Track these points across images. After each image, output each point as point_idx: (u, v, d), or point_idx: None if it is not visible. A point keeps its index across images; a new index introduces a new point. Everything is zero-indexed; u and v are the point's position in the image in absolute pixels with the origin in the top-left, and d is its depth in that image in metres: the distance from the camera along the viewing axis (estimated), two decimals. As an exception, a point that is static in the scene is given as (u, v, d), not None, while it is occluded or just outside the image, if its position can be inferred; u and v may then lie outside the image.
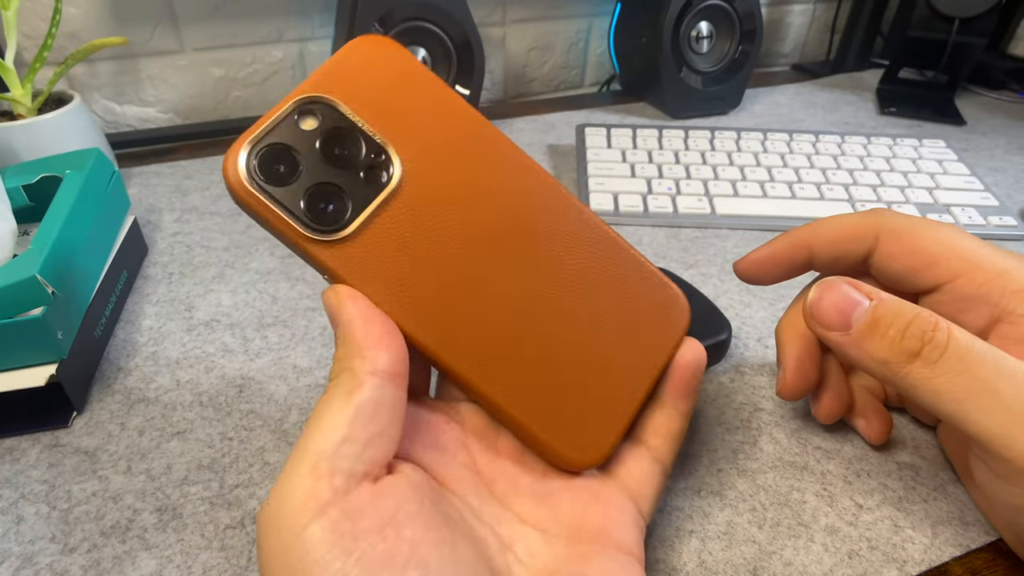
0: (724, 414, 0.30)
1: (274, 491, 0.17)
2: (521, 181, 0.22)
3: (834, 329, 0.22)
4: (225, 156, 0.19)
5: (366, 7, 0.49)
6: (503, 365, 0.21)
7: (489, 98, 0.74)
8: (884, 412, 0.29)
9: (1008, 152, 0.59)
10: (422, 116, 0.21)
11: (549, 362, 0.21)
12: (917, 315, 0.20)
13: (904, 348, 0.20)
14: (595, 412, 0.21)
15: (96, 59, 0.57)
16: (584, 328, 0.22)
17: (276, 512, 0.17)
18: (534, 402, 0.21)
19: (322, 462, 0.17)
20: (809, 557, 0.24)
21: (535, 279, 0.22)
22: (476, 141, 0.22)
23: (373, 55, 0.21)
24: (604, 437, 0.22)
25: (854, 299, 0.21)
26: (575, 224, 0.23)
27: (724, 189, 0.49)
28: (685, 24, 0.60)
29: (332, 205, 0.20)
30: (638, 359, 0.22)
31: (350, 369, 0.18)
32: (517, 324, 0.21)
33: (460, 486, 0.21)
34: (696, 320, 0.32)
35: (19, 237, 0.33)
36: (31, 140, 0.43)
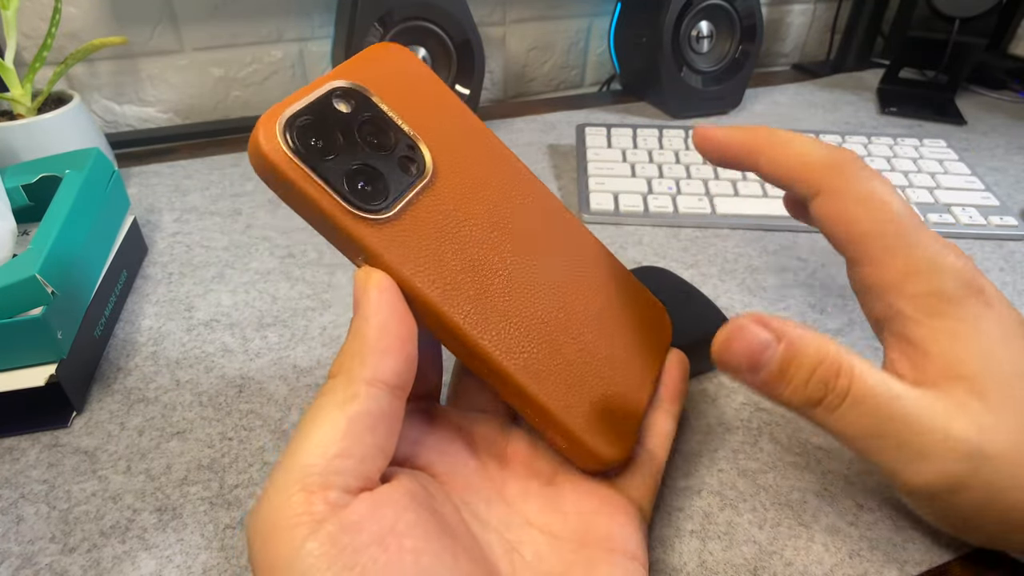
0: (724, 414, 0.30)
1: (265, 502, 0.17)
2: (527, 187, 0.24)
3: (743, 373, 0.21)
4: (255, 128, 0.18)
5: (366, 7, 0.49)
6: (535, 357, 0.21)
7: (489, 98, 0.74)
8: None
9: (1008, 152, 0.59)
10: (438, 119, 0.22)
11: (574, 357, 0.22)
12: (821, 363, 0.20)
13: (808, 396, 0.21)
14: (615, 409, 0.22)
15: (96, 59, 0.57)
16: (600, 329, 0.23)
17: (269, 525, 0.16)
18: (565, 396, 0.21)
19: (312, 478, 0.17)
20: (810, 557, 0.24)
21: (555, 276, 0.22)
22: (487, 150, 0.23)
23: (392, 59, 0.22)
24: (625, 433, 0.22)
25: (762, 342, 0.21)
26: (575, 234, 0.24)
27: (724, 189, 0.48)
28: (685, 24, 0.60)
29: (371, 186, 0.19)
30: (641, 363, 0.24)
31: (348, 373, 0.18)
32: (545, 317, 0.21)
33: (469, 491, 0.21)
34: (697, 319, 0.32)
35: (19, 237, 0.33)
36: (31, 140, 0.43)
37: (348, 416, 0.17)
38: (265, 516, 0.17)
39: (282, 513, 0.16)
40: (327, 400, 0.18)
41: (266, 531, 0.16)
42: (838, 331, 0.36)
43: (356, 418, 0.17)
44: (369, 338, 0.18)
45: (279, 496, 0.17)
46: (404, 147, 0.21)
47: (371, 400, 0.18)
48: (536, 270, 0.22)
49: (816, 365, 0.20)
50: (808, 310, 0.37)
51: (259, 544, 0.17)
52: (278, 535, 0.16)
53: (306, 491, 0.16)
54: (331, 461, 0.17)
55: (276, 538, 0.16)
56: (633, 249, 0.43)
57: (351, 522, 0.16)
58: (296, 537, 0.16)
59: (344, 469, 0.17)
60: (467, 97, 0.55)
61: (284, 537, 0.16)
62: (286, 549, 0.16)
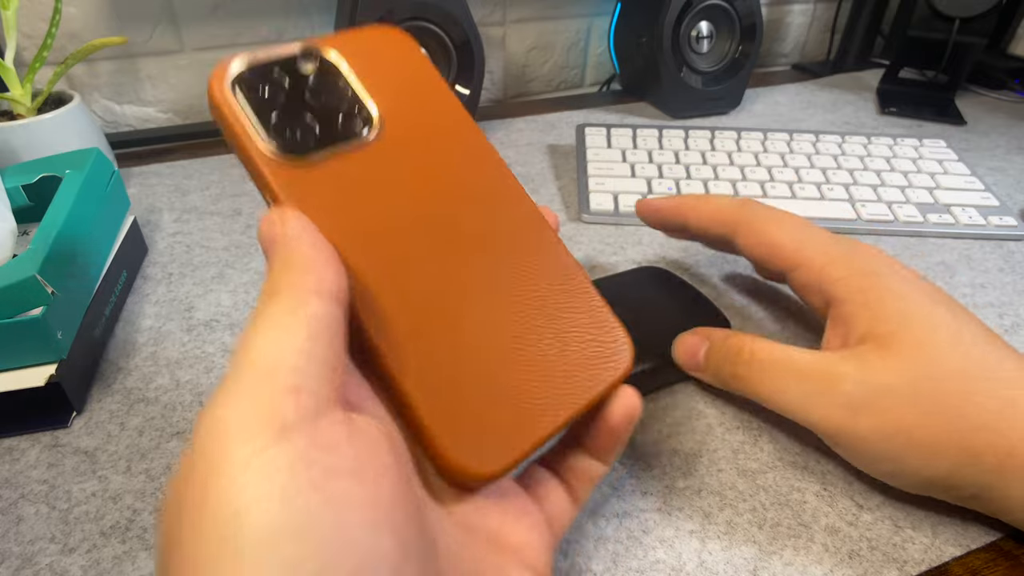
0: (724, 414, 0.30)
1: (221, 397, 0.14)
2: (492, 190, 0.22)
3: (690, 368, 0.30)
4: (216, 63, 0.19)
5: (366, 7, 0.49)
6: (415, 348, 0.19)
7: (489, 98, 0.74)
8: None
9: (1008, 152, 0.59)
10: (411, 100, 0.22)
11: (463, 362, 0.20)
12: (728, 347, 0.28)
13: (726, 372, 0.28)
14: (498, 428, 0.19)
15: (96, 59, 0.57)
16: (511, 341, 0.20)
17: (224, 424, 0.14)
18: (436, 396, 0.19)
19: (280, 375, 0.14)
20: (809, 557, 0.24)
21: (473, 277, 0.21)
22: (460, 140, 0.22)
23: (388, 39, 0.23)
24: (498, 456, 0.19)
25: (694, 344, 0.30)
26: (535, 242, 0.22)
27: (724, 189, 0.48)
28: (685, 24, 0.60)
29: (300, 134, 0.19)
30: (561, 389, 0.21)
31: (291, 287, 0.16)
32: (440, 314, 0.20)
33: None
34: (695, 318, 0.32)
35: (19, 237, 0.33)
36: (31, 140, 0.43)
37: (304, 319, 0.15)
38: (221, 414, 0.14)
39: (244, 411, 0.14)
40: (275, 309, 0.15)
41: (219, 430, 0.14)
42: (838, 331, 0.36)
43: (314, 321, 0.15)
44: (306, 255, 0.17)
45: (241, 392, 0.14)
46: (353, 107, 0.21)
47: (322, 308, 0.16)
48: (452, 265, 0.20)
49: (726, 349, 0.28)
50: (808, 310, 0.37)
51: (207, 443, 0.14)
52: (233, 436, 0.13)
53: (272, 387, 0.14)
54: (298, 359, 0.14)
55: (231, 439, 0.13)
56: (633, 249, 0.43)
57: (327, 441, 0.14)
58: (257, 440, 0.13)
59: (312, 372, 0.15)
60: (467, 97, 0.55)
61: (241, 438, 0.13)
62: (243, 452, 0.13)
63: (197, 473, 0.13)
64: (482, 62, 0.55)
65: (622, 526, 0.25)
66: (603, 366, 0.21)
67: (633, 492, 0.27)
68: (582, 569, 0.24)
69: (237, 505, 0.13)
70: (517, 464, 0.19)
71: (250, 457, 0.13)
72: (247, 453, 0.13)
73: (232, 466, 0.13)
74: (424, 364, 0.19)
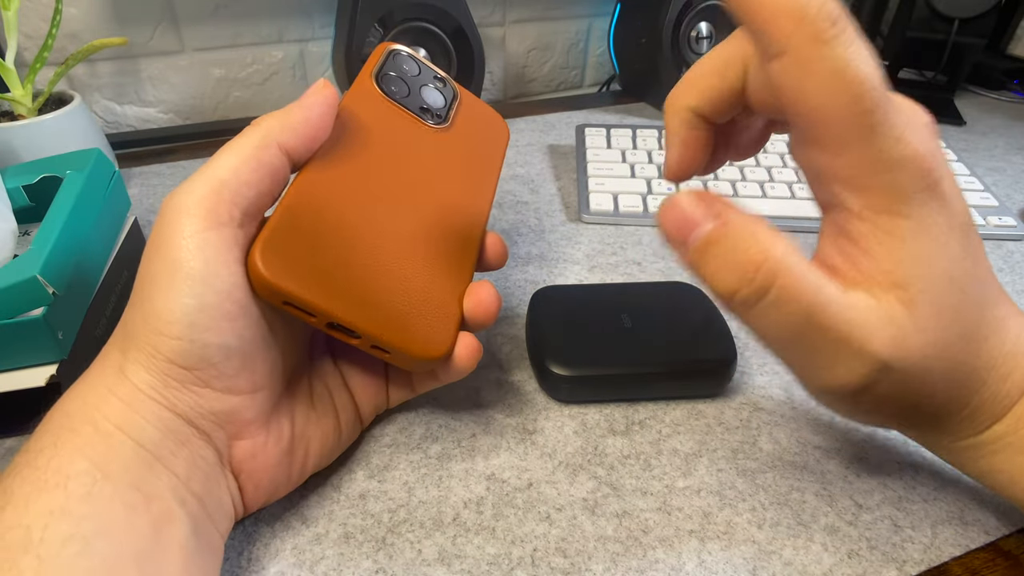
0: (724, 414, 0.31)
1: (181, 191, 0.21)
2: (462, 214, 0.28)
3: (675, 245, 0.20)
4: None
5: (366, 7, 0.49)
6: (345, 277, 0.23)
7: (489, 98, 0.74)
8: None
9: (1007, 152, 0.59)
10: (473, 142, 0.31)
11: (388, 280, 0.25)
12: (744, 252, 0.19)
13: (725, 285, 0.19)
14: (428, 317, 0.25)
15: (97, 59, 0.57)
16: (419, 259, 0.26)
17: (178, 209, 0.20)
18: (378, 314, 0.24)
19: (225, 190, 0.21)
20: (809, 557, 0.24)
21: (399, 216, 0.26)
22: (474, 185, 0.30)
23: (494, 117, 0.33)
24: (442, 336, 0.25)
25: (691, 219, 0.19)
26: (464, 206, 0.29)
27: (724, 190, 0.49)
28: (685, 24, 0.60)
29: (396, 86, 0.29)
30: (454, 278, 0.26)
31: (268, 132, 0.22)
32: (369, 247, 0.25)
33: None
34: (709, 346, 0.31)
35: (20, 237, 0.33)
36: (31, 140, 0.43)
37: (260, 159, 0.22)
38: (178, 201, 0.21)
39: (194, 203, 0.20)
40: (244, 142, 0.22)
41: (173, 212, 0.20)
42: (837, 331, 0.36)
43: (263, 163, 0.22)
44: (295, 118, 0.23)
45: (195, 191, 0.21)
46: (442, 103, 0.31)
47: (276, 157, 0.22)
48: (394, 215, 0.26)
49: (739, 253, 0.19)
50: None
51: (164, 221, 0.21)
52: (185, 218, 0.20)
53: (217, 195, 0.21)
54: (239, 184, 0.21)
55: (182, 220, 0.20)
56: (632, 249, 0.43)
57: (248, 239, 0.22)
58: (199, 224, 0.20)
59: (246, 195, 0.21)
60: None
61: (189, 220, 0.20)
62: (190, 229, 0.20)
63: (160, 231, 0.21)
64: (482, 62, 0.55)
65: (622, 526, 0.25)
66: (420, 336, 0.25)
67: (633, 492, 0.27)
68: (582, 569, 0.24)
69: (177, 254, 0.20)
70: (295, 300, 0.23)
71: (194, 232, 0.20)
72: (193, 229, 0.20)
73: (181, 233, 0.20)
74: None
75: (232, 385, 0.21)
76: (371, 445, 0.29)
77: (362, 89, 0.28)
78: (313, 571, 0.24)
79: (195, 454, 0.21)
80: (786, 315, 0.19)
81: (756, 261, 0.18)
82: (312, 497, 0.26)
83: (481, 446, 0.29)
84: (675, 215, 0.20)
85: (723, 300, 0.20)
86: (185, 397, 0.21)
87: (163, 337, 0.20)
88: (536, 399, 0.31)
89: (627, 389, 0.31)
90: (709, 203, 0.19)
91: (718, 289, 0.20)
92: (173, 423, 0.20)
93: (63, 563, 0.17)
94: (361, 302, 0.23)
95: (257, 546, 0.24)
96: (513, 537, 0.25)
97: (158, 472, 0.20)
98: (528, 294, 0.38)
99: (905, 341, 0.19)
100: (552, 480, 0.27)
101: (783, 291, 0.18)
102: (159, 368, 0.20)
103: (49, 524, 0.17)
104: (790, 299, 0.19)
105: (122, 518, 0.18)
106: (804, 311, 0.19)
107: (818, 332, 0.19)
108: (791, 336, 0.19)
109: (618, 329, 0.32)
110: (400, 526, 0.25)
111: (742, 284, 0.19)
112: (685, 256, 0.20)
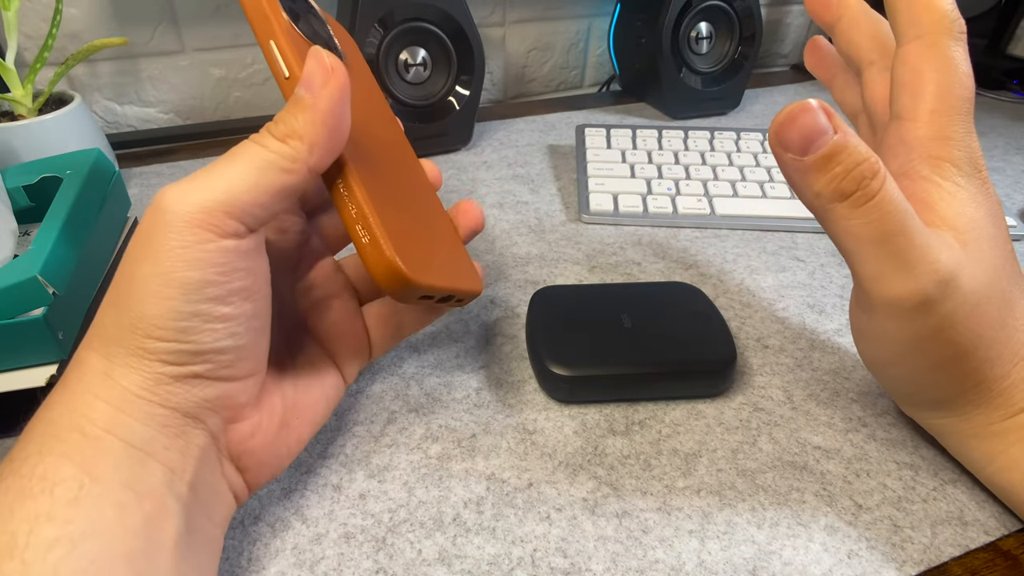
0: (723, 414, 0.31)
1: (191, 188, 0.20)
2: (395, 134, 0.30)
3: (791, 152, 0.22)
4: None
5: (366, 7, 0.49)
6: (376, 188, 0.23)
7: (489, 98, 0.74)
8: None
9: (1007, 152, 0.59)
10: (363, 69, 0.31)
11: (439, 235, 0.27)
12: (865, 160, 0.21)
13: (840, 188, 0.22)
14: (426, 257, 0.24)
15: (97, 59, 0.57)
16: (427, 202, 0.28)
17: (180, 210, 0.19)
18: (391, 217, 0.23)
19: (236, 206, 0.20)
20: (808, 557, 0.24)
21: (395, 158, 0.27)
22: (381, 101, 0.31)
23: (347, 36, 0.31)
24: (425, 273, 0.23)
25: (822, 128, 0.21)
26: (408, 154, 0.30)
27: (724, 189, 0.49)
28: (685, 25, 0.60)
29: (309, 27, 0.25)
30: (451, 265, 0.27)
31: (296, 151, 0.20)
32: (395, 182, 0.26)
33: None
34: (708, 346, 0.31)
35: (20, 237, 0.33)
36: (32, 140, 0.43)
37: (285, 183, 0.20)
38: (185, 205, 0.19)
39: (203, 214, 0.19)
40: (276, 159, 0.20)
41: (177, 218, 0.19)
42: (836, 331, 0.36)
43: (286, 189, 0.21)
44: (324, 133, 0.21)
45: (206, 199, 0.19)
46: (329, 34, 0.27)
47: (302, 181, 0.21)
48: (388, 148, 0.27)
49: (860, 162, 0.21)
50: (807, 310, 0.38)
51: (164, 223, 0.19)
52: (189, 229, 0.19)
53: (225, 211, 0.19)
54: (254, 207, 0.20)
55: (186, 231, 0.19)
56: (632, 250, 0.43)
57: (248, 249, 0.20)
58: (204, 237, 0.19)
59: (257, 216, 0.20)
60: (467, 98, 0.55)
61: (194, 232, 0.19)
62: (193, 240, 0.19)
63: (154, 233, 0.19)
64: (482, 63, 0.55)
65: (622, 526, 0.25)
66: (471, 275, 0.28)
67: (633, 492, 0.27)
68: (582, 569, 0.24)
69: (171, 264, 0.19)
70: (432, 288, 0.23)
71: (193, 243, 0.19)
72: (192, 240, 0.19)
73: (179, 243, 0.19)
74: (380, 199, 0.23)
75: (226, 375, 0.21)
76: (371, 445, 0.29)
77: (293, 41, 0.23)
78: (313, 571, 0.24)
79: (189, 443, 0.21)
80: (884, 216, 0.22)
81: (873, 169, 0.21)
82: (312, 497, 0.26)
83: (481, 446, 0.29)
84: (806, 122, 0.21)
85: (829, 202, 0.22)
86: (178, 390, 0.21)
87: (154, 341, 0.20)
88: (536, 399, 0.31)
89: (627, 389, 0.31)
90: (831, 115, 0.22)
91: (831, 192, 0.22)
92: (166, 418, 0.20)
93: (49, 566, 0.17)
94: (450, 268, 0.25)
95: (257, 546, 0.24)
96: (513, 537, 0.25)
97: (151, 468, 0.20)
98: (528, 294, 0.38)
99: (965, 267, 0.23)
100: (552, 480, 0.27)
101: (887, 195, 0.21)
102: (150, 369, 0.20)
103: (34, 529, 0.17)
104: (891, 205, 0.22)
105: (112, 519, 0.18)
106: (899, 217, 0.22)
107: (904, 238, 0.22)
108: (882, 237, 0.22)
109: (618, 329, 0.32)
110: (400, 526, 0.25)
111: (859, 187, 0.21)
112: (801, 161, 0.22)
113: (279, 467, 0.25)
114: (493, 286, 0.39)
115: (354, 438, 0.29)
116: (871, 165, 0.21)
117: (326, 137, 0.21)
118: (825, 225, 0.23)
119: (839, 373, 0.33)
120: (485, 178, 0.52)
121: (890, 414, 0.31)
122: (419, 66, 0.53)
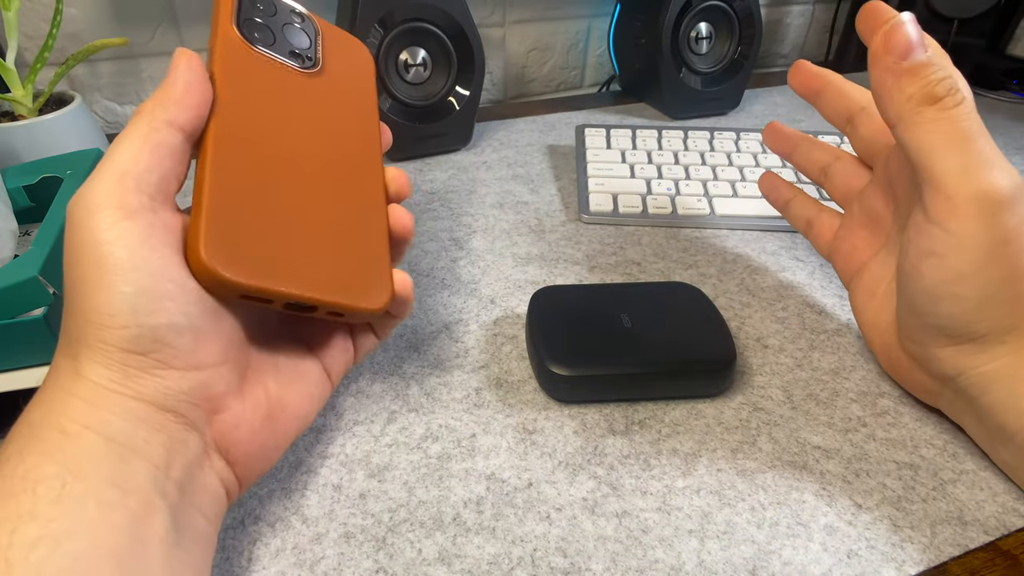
0: (723, 414, 0.31)
1: (85, 190, 0.21)
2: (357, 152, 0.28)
3: (894, 55, 0.26)
4: None
5: (366, 8, 0.49)
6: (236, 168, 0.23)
7: (489, 99, 0.74)
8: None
9: (1007, 152, 0.59)
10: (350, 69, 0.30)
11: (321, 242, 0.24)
12: (953, 74, 0.25)
13: (932, 92, 0.25)
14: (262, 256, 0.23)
15: (97, 60, 0.57)
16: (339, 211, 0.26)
17: (88, 207, 0.20)
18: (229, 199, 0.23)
19: (127, 179, 0.21)
20: (808, 557, 0.24)
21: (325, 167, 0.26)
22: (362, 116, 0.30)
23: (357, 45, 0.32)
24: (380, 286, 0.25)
25: (919, 40, 0.26)
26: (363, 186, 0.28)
27: (723, 190, 0.49)
28: (684, 25, 0.60)
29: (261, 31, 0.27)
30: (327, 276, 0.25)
31: (151, 113, 0.22)
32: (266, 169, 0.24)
33: None
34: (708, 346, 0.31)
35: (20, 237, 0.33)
36: (32, 140, 0.43)
37: (152, 143, 0.22)
38: (86, 201, 0.20)
39: (102, 198, 0.20)
40: (133, 131, 0.22)
41: (84, 212, 0.20)
42: (836, 331, 0.36)
43: (158, 145, 0.22)
44: (175, 92, 0.22)
45: (100, 186, 0.20)
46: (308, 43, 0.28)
47: (169, 135, 0.22)
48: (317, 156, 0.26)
49: (950, 73, 0.25)
50: (807, 310, 0.38)
51: (77, 223, 0.20)
52: (97, 215, 0.20)
53: (123, 186, 0.20)
54: (141, 172, 0.21)
55: (95, 217, 0.20)
56: (632, 250, 0.43)
57: (165, 223, 0.21)
58: (113, 216, 0.20)
59: (151, 180, 0.21)
60: (467, 98, 0.55)
61: (102, 215, 0.20)
62: (105, 223, 0.20)
63: (75, 233, 0.20)
64: (482, 63, 0.55)
65: (622, 526, 0.25)
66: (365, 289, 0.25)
67: (633, 492, 0.27)
68: (582, 569, 0.24)
69: (100, 249, 0.20)
70: (264, 291, 0.22)
71: (110, 225, 0.20)
72: (108, 222, 0.20)
73: (98, 228, 0.20)
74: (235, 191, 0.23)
75: (192, 361, 0.21)
76: (371, 445, 0.29)
77: (229, 44, 0.25)
78: (313, 571, 0.24)
79: (173, 439, 0.21)
80: (971, 120, 0.25)
81: (958, 84, 0.25)
82: (312, 497, 0.26)
83: (481, 446, 0.29)
84: (910, 33, 0.26)
85: (918, 103, 0.25)
86: (150, 382, 0.20)
87: (109, 329, 0.20)
88: (536, 399, 0.31)
89: (627, 389, 0.31)
90: (923, 35, 0.26)
91: (924, 95, 0.25)
92: (143, 411, 0.20)
93: (32, 565, 0.16)
94: (309, 274, 0.23)
95: (257, 546, 0.24)
96: (513, 537, 0.25)
97: (134, 465, 0.19)
98: (528, 294, 0.39)
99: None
100: (552, 480, 0.27)
101: (970, 104, 0.25)
102: (115, 360, 0.20)
103: (17, 528, 0.17)
104: (974, 113, 0.25)
105: (96, 517, 0.18)
106: (980, 124, 0.25)
107: (987, 141, 0.25)
108: (970, 136, 0.25)
109: (618, 329, 0.32)
110: (400, 526, 0.25)
111: (950, 93, 0.25)
112: (899, 65, 0.26)
113: (269, 460, 0.24)
114: (493, 286, 0.39)
115: (354, 438, 0.29)
116: (956, 79, 0.25)
117: (177, 92, 0.22)
118: (908, 130, 0.26)
119: (839, 373, 0.33)
120: (485, 178, 0.52)
121: (890, 414, 0.31)
122: (419, 66, 0.53)
